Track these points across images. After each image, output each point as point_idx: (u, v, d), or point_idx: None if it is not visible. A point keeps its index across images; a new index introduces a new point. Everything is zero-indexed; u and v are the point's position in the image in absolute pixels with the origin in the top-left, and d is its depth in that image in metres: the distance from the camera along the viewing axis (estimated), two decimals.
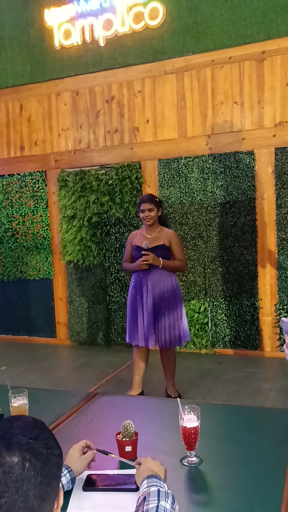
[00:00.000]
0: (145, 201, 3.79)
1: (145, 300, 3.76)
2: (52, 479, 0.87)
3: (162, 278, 3.75)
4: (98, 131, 5.67)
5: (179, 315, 3.80)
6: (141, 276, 3.78)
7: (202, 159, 5.12)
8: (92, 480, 1.42)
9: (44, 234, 6.01)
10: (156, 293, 3.74)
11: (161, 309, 3.75)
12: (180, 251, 3.82)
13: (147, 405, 2.15)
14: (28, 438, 0.87)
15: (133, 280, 3.87)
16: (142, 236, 3.87)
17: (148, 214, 3.76)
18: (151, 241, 3.77)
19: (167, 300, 3.75)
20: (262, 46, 4.84)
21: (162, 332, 3.76)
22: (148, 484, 1.21)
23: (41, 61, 5.86)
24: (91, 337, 5.81)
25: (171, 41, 5.19)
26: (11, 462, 0.83)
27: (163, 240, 3.78)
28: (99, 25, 5.45)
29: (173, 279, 3.81)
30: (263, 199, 4.95)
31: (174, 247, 3.80)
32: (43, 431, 0.91)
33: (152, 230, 3.85)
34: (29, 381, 4.57)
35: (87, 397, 2.14)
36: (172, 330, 3.77)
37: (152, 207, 3.77)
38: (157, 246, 3.75)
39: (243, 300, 5.07)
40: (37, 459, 0.85)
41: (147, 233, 3.86)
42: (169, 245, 3.79)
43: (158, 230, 3.85)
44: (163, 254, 3.74)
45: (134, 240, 3.89)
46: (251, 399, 3.93)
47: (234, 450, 1.60)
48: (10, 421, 0.92)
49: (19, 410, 1.83)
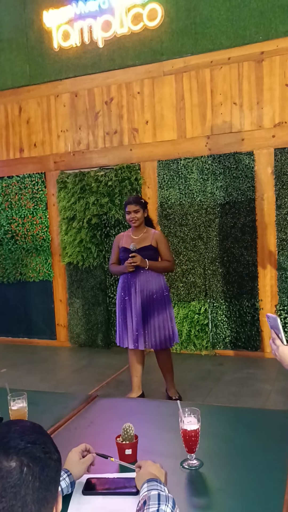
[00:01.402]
0: (131, 203, 3.79)
1: (133, 302, 3.76)
2: (50, 484, 0.86)
3: (150, 279, 3.74)
4: (97, 132, 5.67)
5: (169, 316, 3.80)
6: (129, 278, 3.77)
7: (201, 160, 5.12)
8: (91, 484, 1.41)
9: (43, 236, 6.00)
10: (145, 295, 3.74)
11: (150, 310, 3.75)
12: (167, 251, 3.82)
13: (147, 407, 2.14)
14: (26, 443, 0.86)
15: (121, 282, 3.87)
16: (128, 238, 3.87)
17: (134, 216, 3.76)
18: (138, 242, 3.77)
19: (156, 301, 3.75)
20: (261, 46, 4.84)
21: (152, 333, 3.75)
22: (149, 487, 1.20)
23: (40, 63, 5.86)
24: (91, 339, 5.80)
25: (170, 42, 5.19)
26: (8, 467, 0.82)
27: (150, 241, 3.79)
28: (98, 26, 5.45)
29: (161, 280, 3.81)
30: (263, 200, 4.94)
31: (161, 248, 3.80)
32: (41, 435, 0.90)
33: (139, 231, 3.85)
34: (29, 383, 4.56)
35: (86, 399, 2.13)
36: (163, 331, 3.76)
37: (138, 209, 3.77)
38: (144, 247, 3.75)
39: (243, 301, 5.06)
40: (35, 464, 0.84)
41: (133, 235, 3.86)
42: (156, 245, 3.79)
43: (145, 231, 3.85)
44: (150, 255, 3.74)
45: (121, 242, 3.89)
46: (252, 401, 3.92)
47: (234, 453, 1.59)
48: (8, 425, 0.91)
49: (18, 414, 1.82)
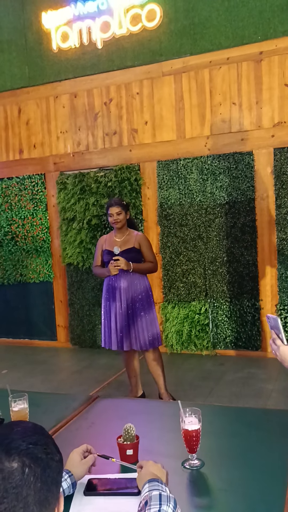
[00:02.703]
0: (113, 205, 3.78)
1: (118, 304, 3.75)
2: (52, 484, 0.86)
3: (134, 281, 3.74)
4: (97, 133, 5.67)
5: (154, 316, 3.82)
6: (113, 280, 3.77)
7: (201, 160, 5.12)
8: (93, 485, 1.41)
9: (43, 237, 6.01)
10: (130, 296, 3.74)
11: (136, 311, 3.74)
12: (149, 253, 3.82)
13: (148, 408, 2.14)
14: (27, 444, 0.86)
15: (105, 284, 3.86)
16: (111, 240, 3.86)
17: (116, 218, 3.75)
18: (121, 245, 3.77)
19: (142, 302, 3.75)
20: (259, 46, 4.84)
21: (140, 333, 3.74)
22: (150, 488, 1.20)
23: (39, 64, 5.86)
24: (91, 340, 5.80)
25: (168, 42, 5.19)
26: (10, 468, 0.82)
27: (133, 243, 3.79)
28: (97, 27, 5.46)
29: (146, 281, 3.81)
30: (263, 200, 4.95)
31: (144, 250, 3.80)
32: (42, 436, 0.90)
33: (121, 234, 3.84)
34: (30, 384, 4.56)
35: (87, 400, 2.13)
36: (150, 330, 3.76)
37: (120, 211, 3.76)
38: (127, 250, 3.75)
39: (244, 300, 5.06)
40: (37, 465, 0.84)
41: (116, 237, 3.85)
42: (139, 247, 3.79)
43: (127, 233, 3.84)
44: (134, 257, 3.74)
45: (104, 245, 3.88)
46: (253, 401, 3.92)
47: (236, 453, 1.59)
48: (9, 426, 0.91)
49: (19, 415, 1.82)
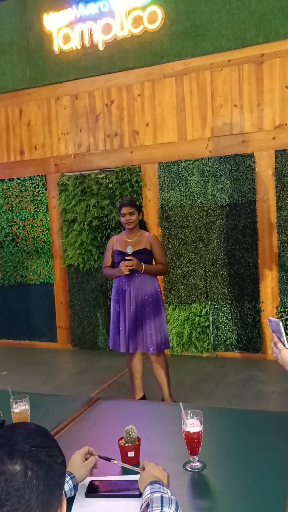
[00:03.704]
0: (126, 205, 3.76)
1: (127, 305, 3.73)
2: (54, 487, 0.85)
3: (144, 282, 3.72)
4: (98, 135, 5.68)
5: (164, 319, 3.79)
6: (123, 281, 3.75)
7: (202, 162, 5.12)
8: (94, 486, 1.41)
9: (44, 238, 6.01)
10: (139, 298, 3.71)
11: (145, 313, 3.72)
12: (161, 254, 3.80)
13: (149, 409, 2.14)
14: (30, 446, 0.85)
15: (115, 285, 3.84)
16: (123, 241, 3.83)
17: (129, 218, 3.73)
18: (132, 246, 3.74)
19: (151, 305, 3.72)
20: (261, 49, 4.85)
21: (148, 336, 3.71)
22: (151, 490, 1.20)
23: (40, 66, 5.87)
24: (92, 341, 5.80)
25: (170, 44, 5.20)
26: (13, 471, 0.82)
27: (144, 244, 3.76)
28: (98, 29, 5.46)
29: (156, 283, 3.79)
30: (264, 202, 4.95)
31: (156, 251, 3.78)
32: (46, 438, 0.90)
33: (133, 234, 3.81)
34: (30, 386, 4.56)
35: (88, 402, 2.13)
36: (158, 334, 3.73)
37: (133, 211, 3.73)
38: (139, 251, 3.72)
39: (245, 303, 5.06)
40: (40, 467, 0.84)
41: (128, 238, 3.82)
42: (151, 248, 3.77)
43: (139, 234, 3.82)
44: (145, 258, 3.72)
45: (115, 245, 3.85)
46: (254, 403, 3.92)
47: (237, 455, 1.59)
48: (12, 428, 0.91)
49: (20, 416, 1.82)
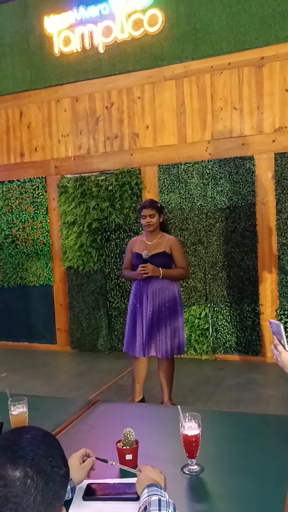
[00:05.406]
0: (147, 207, 3.66)
1: (144, 309, 3.65)
2: (54, 499, 0.83)
3: (163, 286, 3.63)
4: (98, 137, 5.68)
5: (180, 325, 3.69)
6: (141, 285, 3.66)
7: (202, 165, 5.13)
8: (92, 489, 1.41)
9: (44, 240, 6.01)
10: (157, 302, 3.62)
11: (161, 318, 3.62)
12: (181, 258, 3.68)
13: (147, 412, 2.14)
14: (34, 454, 0.83)
15: (133, 288, 3.76)
16: (142, 243, 3.74)
17: (149, 220, 3.64)
18: (152, 248, 3.65)
19: (169, 310, 3.63)
20: (261, 52, 4.86)
21: (163, 342, 3.63)
22: (149, 493, 1.20)
23: (41, 68, 5.88)
24: (91, 344, 5.79)
25: (170, 47, 5.21)
26: (13, 476, 0.81)
27: (164, 247, 3.65)
28: (99, 32, 5.47)
29: (175, 288, 3.68)
30: (263, 204, 4.95)
31: (176, 254, 3.67)
32: (51, 447, 0.88)
33: (153, 237, 3.72)
34: (29, 388, 4.55)
35: (87, 404, 2.13)
36: (173, 339, 3.65)
37: (153, 213, 3.64)
38: (157, 254, 3.62)
39: (244, 305, 5.06)
40: (40, 477, 0.82)
41: (147, 240, 3.73)
42: (170, 252, 3.66)
43: (159, 237, 3.71)
44: (164, 262, 3.62)
45: (134, 247, 3.76)
46: (253, 406, 3.91)
47: (235, 458, 1.59)
48: (19, 432, 0.89)
49: (18, 419, 1.81)
